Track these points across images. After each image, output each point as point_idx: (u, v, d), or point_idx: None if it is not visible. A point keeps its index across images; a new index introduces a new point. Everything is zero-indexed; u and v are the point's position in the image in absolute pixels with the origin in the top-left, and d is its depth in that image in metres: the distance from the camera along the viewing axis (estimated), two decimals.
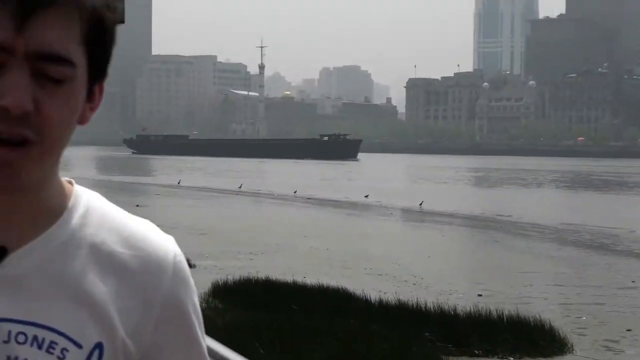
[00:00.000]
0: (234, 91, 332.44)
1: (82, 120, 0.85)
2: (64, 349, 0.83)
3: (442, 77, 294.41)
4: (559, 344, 10.33)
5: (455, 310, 11.43)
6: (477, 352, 9.82)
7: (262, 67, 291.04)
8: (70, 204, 0.88)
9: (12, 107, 0.73)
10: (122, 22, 0.90)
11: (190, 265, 12.53)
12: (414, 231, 29.63)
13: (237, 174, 69.93)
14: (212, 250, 20.11)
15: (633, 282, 16.90)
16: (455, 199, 43.43)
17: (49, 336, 0.82)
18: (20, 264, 0.82)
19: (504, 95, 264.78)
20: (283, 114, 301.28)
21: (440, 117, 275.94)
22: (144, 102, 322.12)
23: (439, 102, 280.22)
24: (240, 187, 48.54)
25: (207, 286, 13.90)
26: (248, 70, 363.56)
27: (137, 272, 0.89)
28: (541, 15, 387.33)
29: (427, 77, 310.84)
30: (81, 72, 0.80)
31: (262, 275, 14.97)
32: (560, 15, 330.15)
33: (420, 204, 36.98)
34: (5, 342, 0.80)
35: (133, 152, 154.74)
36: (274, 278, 14.76)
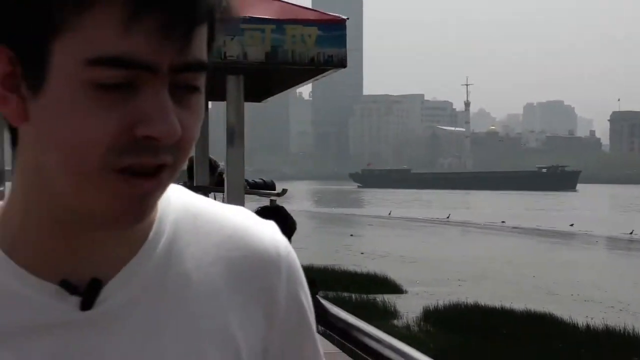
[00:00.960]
0: (441, 127, 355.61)
1: None
2: None
3: None
4: None
5: None
6: None
7: (467, 103, 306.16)
8: (157, 215, 0.73)
9: (164, 137, 0.61)
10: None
11: (402, 291, 13.19)
12: (620, 259, 30.16)
13: (454, 204, 72.09)
14: (422, 277, 21.10)
15: None
16: None
17: None
18: (117, 297, 0.69)
19: None
20: (488, 147, 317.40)
21: None
22: (356, 140, 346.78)
23: None
24: (448, 217, 51.38)
25: (418, 310, 14.92)
26: (454, 107, 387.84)
27: (250, 277, 0.76)
28: None
29: (631, 110, 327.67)
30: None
31: (470, 300, 15.67)
32: None
33: (631, 233, 37.42)
34: None
35: (358, 186, 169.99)
36: (482, 304, 15.33)
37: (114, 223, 0.65)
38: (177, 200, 0.75)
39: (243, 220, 0.78)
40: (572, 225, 41.48)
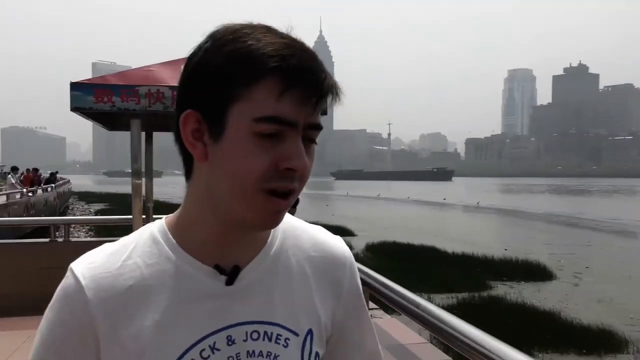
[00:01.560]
0: (376, 147, 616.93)
1: None
2: (286, 339, 0.98)
3: None
4: None
5: None
6: None
7: (389, 134, 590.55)
8: None
9: (300, 168, 0.88)
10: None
11: (354, 235, 29.78)
12: (464, 215, 46.78)
13: (383, 189, 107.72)
14: (366, 227, 30.72)
15: None
16: None
17: (276, 330, 0.98)
18: (250, 277, 0.98)
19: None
20: (401, 158, 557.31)
21: None
22: (330, 155, 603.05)
23: None
24: (378, 195, 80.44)
25: (363, 245, 21.31)
26: (382, 135, 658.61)
27: (327, 270, 1.06)
28: (538, 103, 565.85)
29: (477, 137, 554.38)
30: None
31: (391, 240, 22.98)
32: (549, 103, 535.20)
33: (477, 203, 58.28)
34: (244, 340, 0.95)
35: (334, 179, 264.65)
36: (397, 241, 22.37)
37: (258, 227, 0.95)
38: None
39: (321, 233, 1.12)
40: (444, 199, 70.27)
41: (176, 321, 0.94)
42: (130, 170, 5.09)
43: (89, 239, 10.31)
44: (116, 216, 11.87)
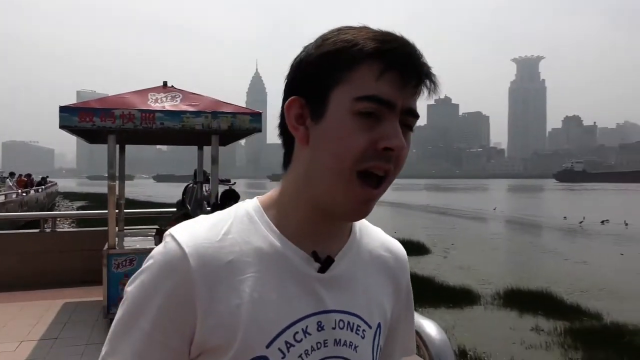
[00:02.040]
0: None
1: None
2: (363, 330, 0.81)
3: None
4: None
5: None
6: None
7: None
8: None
9: (397, 147, 0.72)
10: None
11: None
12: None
13: None
14: None
15: None
16: None
17: (356, 321, 0.81)
18: (340, 267, 0.81)
19: None
20: None
21: None
22: (268, 161, 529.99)
23: None
24: None
25: None
26: None
27: (393, 268, 0.90)
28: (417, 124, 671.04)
29: None
30: None
31: None
32: (425, 124, 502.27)
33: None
34: (333, 328, 0.78)
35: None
36: None
37: (348, 215, 0.76)
38: None
39: (383, 233, 0.93)
40: None
41: (272, 300, 0.75)
42: (107, 175, 5.13)
43: (71, 229, 9.90)
44: (94, 211, 11.75)
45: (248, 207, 0.81)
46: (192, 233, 0.75)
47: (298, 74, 0.77)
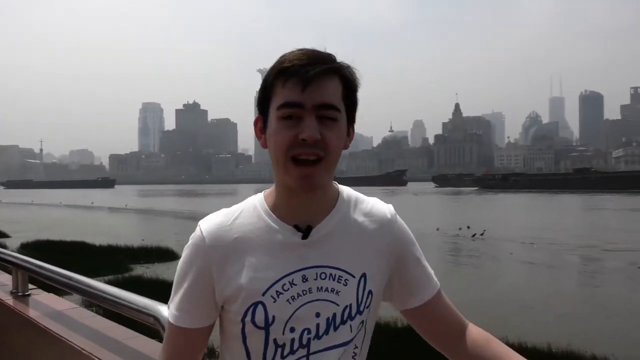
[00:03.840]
0: None
1: (345, 147, 1.05)
2: (345, 279, 1.04)
3: None
4: None
5: None
6: None
7: None
8: (339, 195, 1.10)
9: (310, 138, 0.96)
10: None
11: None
12: None
13: None
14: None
15: None
16: None
17: (337, 273, 1.04)
18: (319, 233, 1.05)
19: None
20: None
21: None
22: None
23: None
24: None
25: (18, 244, 17.95)
26: None
27: (372, 229, 1.10)
28: (166, 129, 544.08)
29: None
30: (343, 116, 1.02)
31: None
32: (174, 129, 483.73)
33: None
34: (315, 279, 1.03)
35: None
36: None
37: (299, 189, 1.01)
38: (346, 190, 1.14)
39: (374, 201, 1.15)
40: (92, 203, 59.64)
41: (266, 264, 1.03)
42: None
43: None
44: None
45: (255, 199, 1.11)
46: (210, 220, 1.08)
47: (259, 96, 1.05)
